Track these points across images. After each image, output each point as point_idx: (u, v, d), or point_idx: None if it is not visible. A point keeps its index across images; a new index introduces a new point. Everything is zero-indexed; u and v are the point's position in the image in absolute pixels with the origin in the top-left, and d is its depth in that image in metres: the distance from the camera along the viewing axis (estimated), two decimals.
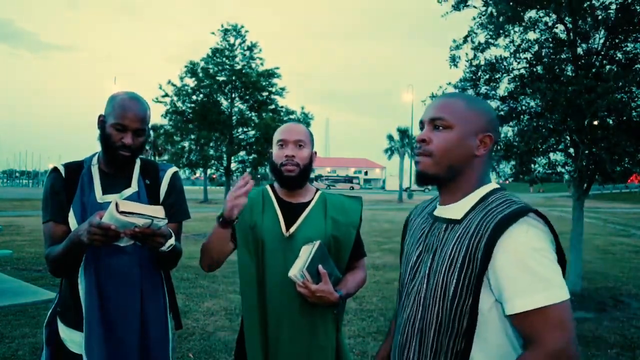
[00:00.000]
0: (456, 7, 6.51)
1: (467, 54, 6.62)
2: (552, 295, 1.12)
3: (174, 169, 1.97)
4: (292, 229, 1.85)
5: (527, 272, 1.13)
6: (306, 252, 1.72)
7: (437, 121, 1.29)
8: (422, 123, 1.34)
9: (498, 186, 1.32)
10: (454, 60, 6.66)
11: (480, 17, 6.44)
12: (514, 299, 1.14)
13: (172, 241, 1.68)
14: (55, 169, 1.84)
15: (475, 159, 1.29)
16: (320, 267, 1.70)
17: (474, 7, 6.51)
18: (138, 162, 1.89)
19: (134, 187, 1.83)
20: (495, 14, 6.17)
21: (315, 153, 1.97)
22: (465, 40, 6.58)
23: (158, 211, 1.57)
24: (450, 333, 1.21)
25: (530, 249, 1.15)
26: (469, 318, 1.19)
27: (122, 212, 1.48)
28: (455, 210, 1.30)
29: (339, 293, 1.76)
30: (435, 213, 1.38)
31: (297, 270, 1.69)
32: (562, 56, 6.20)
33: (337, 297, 1.74)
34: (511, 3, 5.98)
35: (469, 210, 1.27)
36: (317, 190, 1.99)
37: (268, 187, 1.99)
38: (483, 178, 1.31)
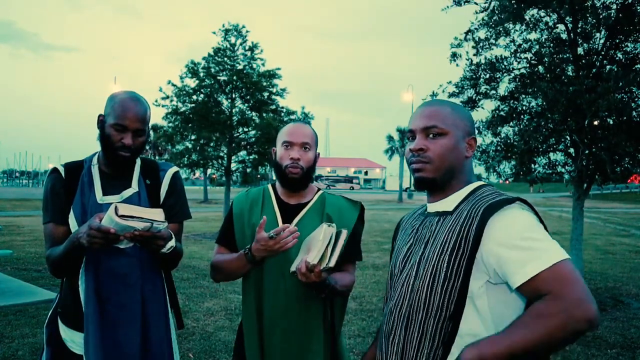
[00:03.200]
0: (457, 2, 6.50)
1: (467, 52, 6.62)
2: (556, 255, 1.15)
3: (174, 168, 1.95)
4: None
5: (526, 242, 1.17)
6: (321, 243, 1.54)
7: (432, 129, 1.34)
8: (412, 132, 1.39)
9: (485, 183, 1.40)
10: (454, 58, 6.65)
11: (481, 13, 6.42)
12: (519, 269, 1.16)
13: (172, 243, 1.68)
14: (55, 170, 1.83)
15: (465, 160, 1.37)
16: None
17: (475, 3, 6.51)
18: (138, 162, 1.88)
19: (134, 188, 1.82)
20: (497, 10, 6.15)
21: (319, 154, 1.97)
22: (466, 37, 6.56)
23: (158, 214, 1.56)
24: (438, 317, 1.24)
25: (524, 224, 1.21)
26: (457, 300, 1.23)
27: (121, 216, 1.47)
28: (447, 203, 1.36)
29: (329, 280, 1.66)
30: (427, 210, 1.44)
31: (312, 258, 1.53)
32: (562, 56, 6.19)
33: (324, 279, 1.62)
34: (513, 1, 5.97)
35: (459, 202, 1.33)
36: (319, 190, 1.98)
37: (269, 187, 1.98)
38: (470, 177, 1.40)
